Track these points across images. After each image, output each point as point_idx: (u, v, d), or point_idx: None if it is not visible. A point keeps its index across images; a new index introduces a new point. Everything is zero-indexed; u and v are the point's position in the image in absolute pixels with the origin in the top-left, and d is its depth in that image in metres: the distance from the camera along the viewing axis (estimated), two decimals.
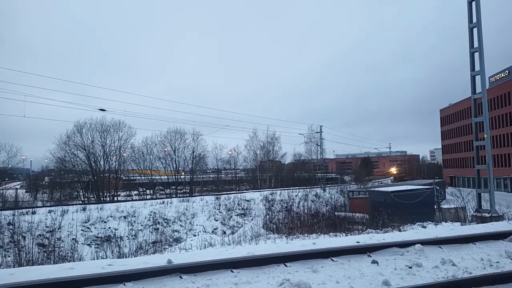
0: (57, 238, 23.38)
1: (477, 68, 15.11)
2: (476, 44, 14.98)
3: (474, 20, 14.98)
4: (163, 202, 35.93)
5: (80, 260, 12.81)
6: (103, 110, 36.20)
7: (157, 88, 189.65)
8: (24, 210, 27.59)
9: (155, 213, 32.40)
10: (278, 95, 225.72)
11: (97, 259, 11.82)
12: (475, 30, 15.01)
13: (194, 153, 61.89)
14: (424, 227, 14.05)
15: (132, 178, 62.76)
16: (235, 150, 74.93)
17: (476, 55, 15.04)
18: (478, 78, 15.15)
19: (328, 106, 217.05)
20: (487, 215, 14.04)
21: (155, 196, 54.85)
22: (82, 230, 26.84)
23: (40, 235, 23.92)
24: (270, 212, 36.43)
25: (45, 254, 15.02)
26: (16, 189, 57.29)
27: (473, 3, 14.96)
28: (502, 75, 66.82)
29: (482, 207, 15.17)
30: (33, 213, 26.85)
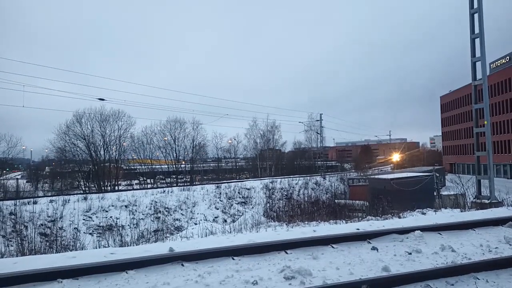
0: (59, 228, 23.53)
1: (477, 54, 15.00)
2: (477, 30, 14.84)
3: (475, 5, 14.82)
4: (164, 191, 36.08)
5: (82, 249, 12.91)
6: (102, 99, 36.03)
7: (167, 76, 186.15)
8: (26, 200, 27.70)
9: (156, 202, 32.55)
10: (287, 81, 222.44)
11: (99, 247, 11.91)
12: (476, 15, 14.86)
13: (194, 142, 62.00)
14: (424, 213, 14.12)
15: (132, 167, 62.92)
16: (235, 139, 75.00)
17: (477, 41, 14.91)
18: (478, 64, 15.05)
19: (336, 92, 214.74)
20: (486, 201, 14.10)
21: (155, 185, 55.06)
22: (83, 219, 26.99)
23: (42, 224, 24.06)
24: (271, 200, 36.60)
25: (48, 243, 15.14)
26: (17, 179, 57.38)
27: None
28: (503, 61, 66.34)
29: (482, 194, 15.23)
30: (35, 203, 26.97)
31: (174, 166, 61.21)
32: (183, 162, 63.34)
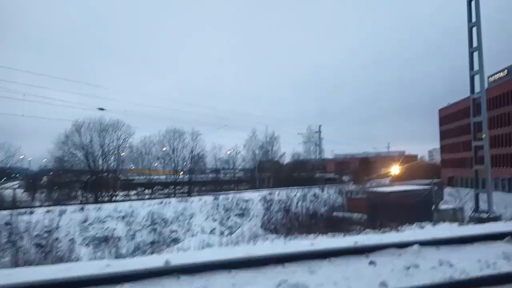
0: (55, 239, 23.34)
1: (476, 67, 15.11)
2: (475, 44, 14.98)
3: (473, 19, 14.98)
4: (162, 202, 35.94)
5: (77, 261, 12.80)
6: (102, 109, 36.07)
7: (167, 83, 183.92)
8: (22, 210, 27.52)
9: (153, 213, 32.37)
10: (290, 93, 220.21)
11: (95, 259, 11.81)
12: (474, 29, 15.02)
13: (193, 153, 61.99)
14: (422, 227, 14.07)
15: (130, 177, 62.74)
16: (234, 150, 74.99)
17: (475, 54, 15.03)
18: (477, 78, 15.15)
19: (337, 104, 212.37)
20: (485, 215, 14.06)
21: (153, 196, 54.82)
22: (80, 230, 26.79)
23: (37, 235, 23.86)
24: (269, 212, 36.45)
25: (43, 255, 15.02)
26: (14, 188, 57.12)
27: (472, 2, 14.96)
28: (501, 74, 66.74)
29: (480, 208, 15.19)
30: (31, 213, 26.79)
31: (172, 176, 61.07)
32: (182, 173, 63.22)
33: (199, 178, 69.54)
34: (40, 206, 34.66)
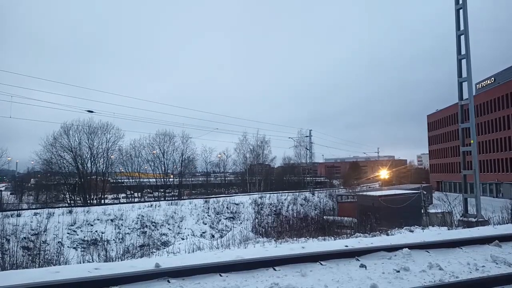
0: (43, 241, 22.98)
1: (464, 74, 15.33)
2: (463, 51, 15.21)
3: (462, 27, 15.21)
4: (151, 205, 35.69)
5: (66, 264, 12.62)
6: (91, 111, 35.69)
7: (158, 86, 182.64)
8: (9, 213, 27.16)
9: (143, 216, 32.12)
10: (288, 95, 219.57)
11: (83, 262, 11.65)
12: (462, 37, 15.25)
13: (183, 156, 61.73)
14: (412, 231, 14.18)
15: (119, 180, 62.15)
16: (224, 153, 74.82)
17: (464, 62, 15.26)
18: (465, 84, 15.37)
19: (329, 109, 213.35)
20: (473, 219, 14.22)
21: (143, 199, 54.42)
22: (68, 233, 26.47)
23: (25, 238, 23.51)
24: (259, 216, 36.39)
25: (30, 258, 14.77)
26: (1, 191, 56.22)
27: (461, 11, 15.20)
28: (488, 82, 68.00)
29: (469, 212, 15.37)
30: (18, 215, 26.41)
31: (162, 179, 60.69)
32: (172, 176, 62.87)
33: (189, 181, 69.28)
34: (28, 208, 34.18)
